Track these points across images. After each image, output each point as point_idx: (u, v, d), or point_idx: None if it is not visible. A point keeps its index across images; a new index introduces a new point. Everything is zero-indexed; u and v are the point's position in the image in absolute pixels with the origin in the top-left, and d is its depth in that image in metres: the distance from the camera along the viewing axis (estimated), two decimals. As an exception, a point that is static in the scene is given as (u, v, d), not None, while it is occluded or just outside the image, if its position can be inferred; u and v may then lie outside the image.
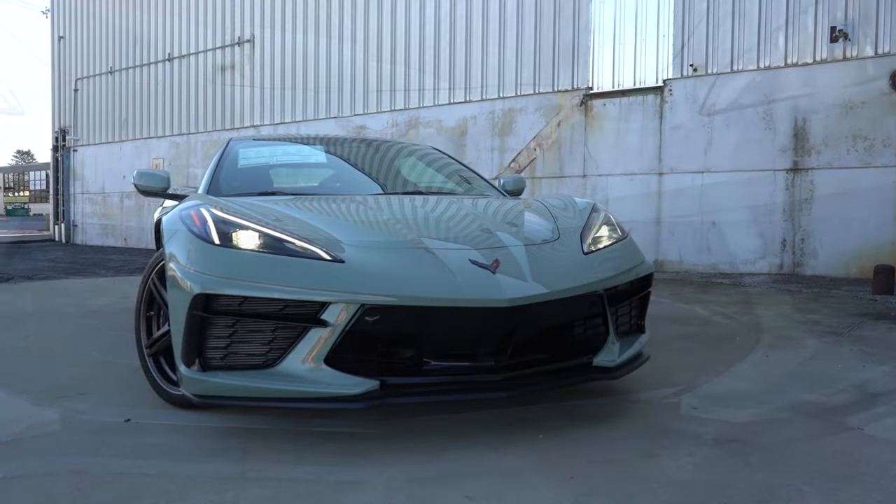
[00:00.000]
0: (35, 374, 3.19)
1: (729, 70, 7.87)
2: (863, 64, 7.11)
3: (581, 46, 8.89)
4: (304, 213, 2.76)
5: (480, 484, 1.94)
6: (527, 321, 2.29)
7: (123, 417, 2.53)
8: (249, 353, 2.22)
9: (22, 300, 5.81)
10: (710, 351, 3.73)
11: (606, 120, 8.69)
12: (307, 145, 4.46)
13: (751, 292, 6.21)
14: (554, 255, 2.60)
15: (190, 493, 1.89)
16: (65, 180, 16.38)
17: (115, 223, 15.19)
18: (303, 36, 11.80)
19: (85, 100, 15.86)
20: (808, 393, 2.87)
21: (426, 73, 10.31)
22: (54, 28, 16.63)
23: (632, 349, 2.65)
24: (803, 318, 4.73)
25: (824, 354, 3.62)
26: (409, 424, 2.45)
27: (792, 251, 7.54)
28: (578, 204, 3.21)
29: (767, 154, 7.64)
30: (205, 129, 13.39)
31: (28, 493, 1.89)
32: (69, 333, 4.25)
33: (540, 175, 9.24)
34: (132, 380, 3.06)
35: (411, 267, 2.30)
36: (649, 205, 8.44)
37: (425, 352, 2.26)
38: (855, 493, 1.88)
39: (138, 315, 2.86)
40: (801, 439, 2.30)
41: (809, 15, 7.40)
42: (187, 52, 13.61)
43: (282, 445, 2.25)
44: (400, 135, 10.58)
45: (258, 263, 2.26)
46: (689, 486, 1.92)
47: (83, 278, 7.90)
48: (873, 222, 7.07)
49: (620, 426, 2.44)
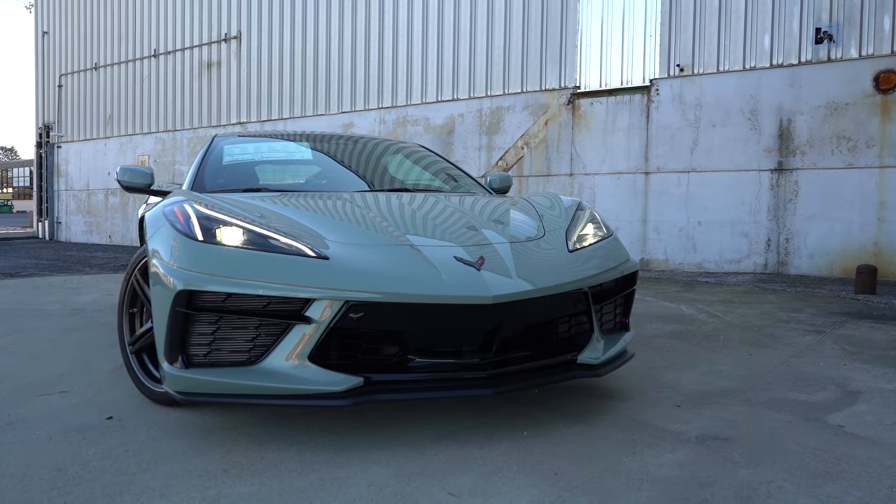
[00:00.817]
0: (16, 372, 3.16)
1: (715, 70, 7.92)
2: (847, 65, 7.18)
3: (569, 45, 8.91)
4: (288, 209, 2.75)
5: (464, 480, 1.94)
6: (512, 318, 2.29)
7: (105, 415, 2.51)
8: (233, 350, 2.21)
9: (4, 297, 5.74)
10: (694, 349, 3.75)
11: (593, 119, 8.72)
12: (293, 142, 4.44)
13: (735, 291, 6.25)
14: (539, 252, 2.60)
15: (172, 490, 1.87)
16: (49, 177, 16.23)
17: (99, 220, 15.07)
18: (290, 33, 11.75)
19: (69, 96, 15.72)
20: (791, 391, 2.90)
21: (414, 71, 10.30)
22: (38, 23, 16.46)
23: (616, 347, 2.66)
24: (787, 317, 4.77)
25: (807, 353, 3.65)
26: (393, 421, 2.44)
27: (777, 251, 7.60)
28: (564, 202, 3.21)
29: (753, 154, 7.70)
30: (191, 126, 13.31)
31: (6, 491, 1.87)
32: (52, 331, 4.21)
33: (527, 173, 9.25)
34: (115, 377, 3.04)
35: (396, 264, 2.29)
36: (636, 204, 8.48)
37: (410, 349, 2.25)
38: (835, 489, 1.90)
39: (121, 312, 2.84)
40: (782, 437, 2.32)
41: (795, 17, 7.46)
42: (173, 49, 13.52)
43: (265, 442, 2.24)
44: (387, 132, 10.57)
45: (242, 260, 2.24)
46: (671, 483, 1.93)
47: (67, 275, 7.82)
48: (857, 222, 7.14)
49: (604, 423, 2.45)
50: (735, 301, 5.60)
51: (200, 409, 2.56)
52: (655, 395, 2.81)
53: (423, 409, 2.57)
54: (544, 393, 2.79)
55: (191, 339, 2.21)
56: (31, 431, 2.34)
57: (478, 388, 2.25)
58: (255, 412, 2.53)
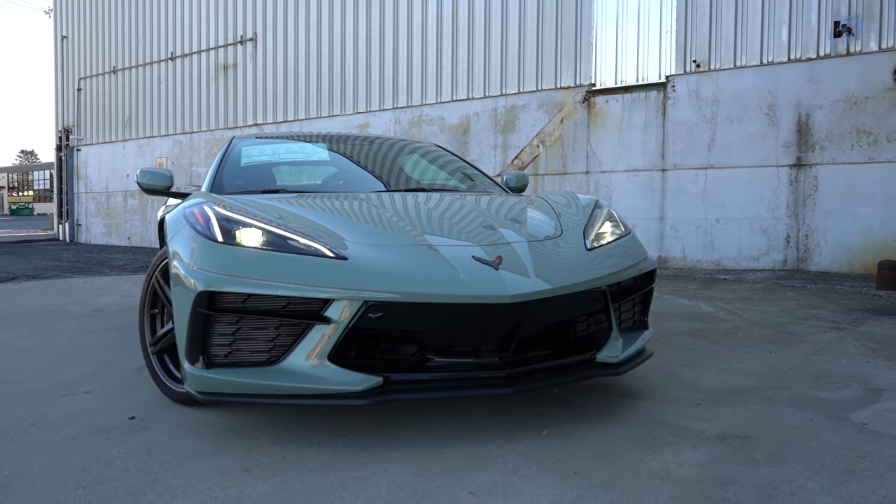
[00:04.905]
0: (39, 372, 3.21)
1: (732, 65, 7.86)
2: (867, 59, 7.09)
3: (584, 43, 8.88)
4: (306, 210, 2.76)
5: (484, 479, 1.95)
6: (530, 317, 2.29)
7: (128, 415, 2.54)
8: (253, 351, 2.23)
9: (26, 299, 5.82)
10: (714, 347, 3.72)
11: (609, 116, 8.68)
12: (310, 143, 4.46)
13: (755, 288, 6.20)
14: (557, 251, 2.60)
15: (194, 489, 1.89)
16: (68, 180, 16.43)
17: (118, 222, 15.24)
18: (305, 34, 11.81)
19: (88, 99, 15.90)
20: (812, 388, 2.87)
21: (429, 71, 10.31)
22: (57, 28, 16.67)
23: (635, 345, 2.65)
24: (807, 314, 4.72)
25: (828, 350, 3.61)
26: (412, 421, 2.45)
27: (796, 247, 7.52)
28: (581, 200, 3.20)
29: (771, 150, 7.63)
30: (208, 128, 13.41)
31: (32, 490, 1.90)
32: (73, 332, 4.26)
33: (543, 172, 9.23)
34: (136, 378, 3.07)
35: (414, 264, 2.30)
36: (653, 201, 8.43)
37: (428, 348, 2.26)
38: (858, 488, 1.88)
39: (142, 313, 2.87)
40: (804, 435, 2.30)
41: (812, 10, 7.38)
42: (190, 51, 13.63)
43: (286, 442, 2.26)
44: (403, 132, 10.59)
45: (261, 261, 2.26)
46: (692, 482, 1.92)
47: (88, 277, 7.92)
48: (878, 218, 7.05)
49: (624, 422, 2.44)
50: (754, 298, 5.56)
51: (222, 408, 2.59)
52: (675, 394, 2.80)
53: (442, 409, 2.58)
54: (563, 392, 2.78)
55: (211, 339, 2.23)
56: (56, 431, 2.37)
57: (496, 388, 2.25)
58: (275, 412, 2.55)
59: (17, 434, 2.35)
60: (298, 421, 2.46)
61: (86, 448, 2.21)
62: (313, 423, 2.44)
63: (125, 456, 2.14)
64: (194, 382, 2.25)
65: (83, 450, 2.19)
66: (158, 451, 2.18)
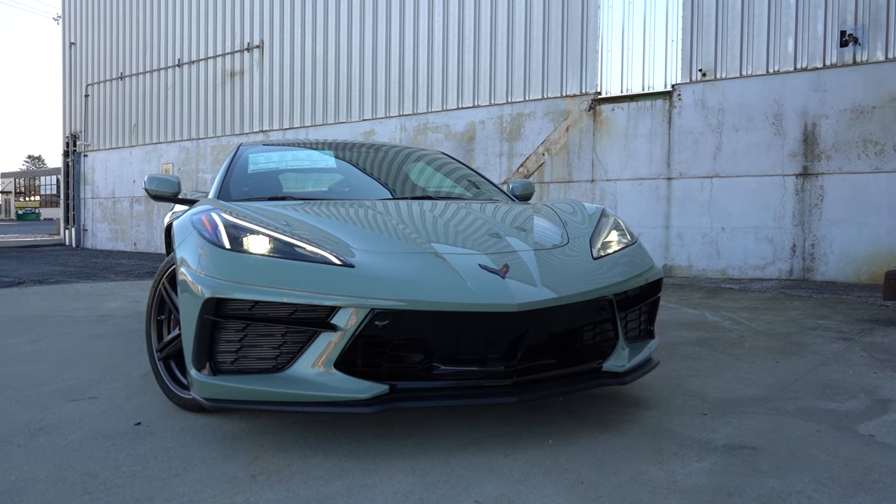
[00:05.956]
0: (46, 378, 3.22)
1: (738, 74, 7.86)
2: (873, 68, 7.08)
3: (589, 51, 8.89)
4: (313, 218, 2.77)
5: (490, 488, 1.94)
6: (536, 326, 2.29)
7: (134, 421, 2.54)
8: (260, 357, 2.23)
9: (32, 304, 5.84)
10: (720, 356, 3.71)
11: (615, 125, 8.69)
12: (316, 150, 4.47)
13: (760, 298, 6.18)
14: (563, 259, 2.60)
15: (201, 496, 1.89)
16: (75, 185, 16.49)
17: (125, 228, 15.28)
18: (311, 41, 11.85)
19: (96, 105, 15.98)
20: (819, 399, 2.86)
21: (434, 78, 10.33)
22: (65, 34, 16.77)
23: (641, 354, 2.65)
24: (814, 324, 4.70)
25: (835, 360, 3.60)
26: (418, 429, 2.45)
27: (802, 256, 7.50)
28: (587, 209, 3.20)
29: (777, 159, 7.62)
30: (214, 135, 13.46)
31: (38, 496, 1.90)
32: (80, 337, 4.28)
33: (548, 180, 9.24)
34: (143, 384, 3.08)
35: (421, 271, 2.30)
36: (658, 210, 8.42)
37: (435, 356, 2.26)
38: (867, 500, 1.87)
39: (149, 319, 2.88)
40: (811, 446, 2.29)
41: (819, 20, 7.38)
42: (197, 58, 13.69)
43: (292, 449, 2.26)
44: (408, 140, 10.61)
45: (268, 268, 2.27)
46: (699, 492, 1.92)
47: (94, 282, 7.94)
48: (884, 227, 7.03)
49: (630, 432, 2.43)
50: (760, 308, 5.54)
51: (228, 415, 2.59)
52: (681, 404, 2.79)
53: (448, 417, 2.57)
54: (569, 401, 2.78)
55: (218, 346, 2.24)
56: (62, 437, 2.38)
57: (502, 396, 2.25)
58: (281, 419, 2.55)
59: (24, 439, 2.35)
60: (304, 428, 2.46)
61: (92, 454, 2.21)
62: (319, 430, 2.44)
63: (132, 462, 2.14)
64: (201, 389, 2.26)
65: (90, 455, 2.20)
66: (165, 457, 2.18)
